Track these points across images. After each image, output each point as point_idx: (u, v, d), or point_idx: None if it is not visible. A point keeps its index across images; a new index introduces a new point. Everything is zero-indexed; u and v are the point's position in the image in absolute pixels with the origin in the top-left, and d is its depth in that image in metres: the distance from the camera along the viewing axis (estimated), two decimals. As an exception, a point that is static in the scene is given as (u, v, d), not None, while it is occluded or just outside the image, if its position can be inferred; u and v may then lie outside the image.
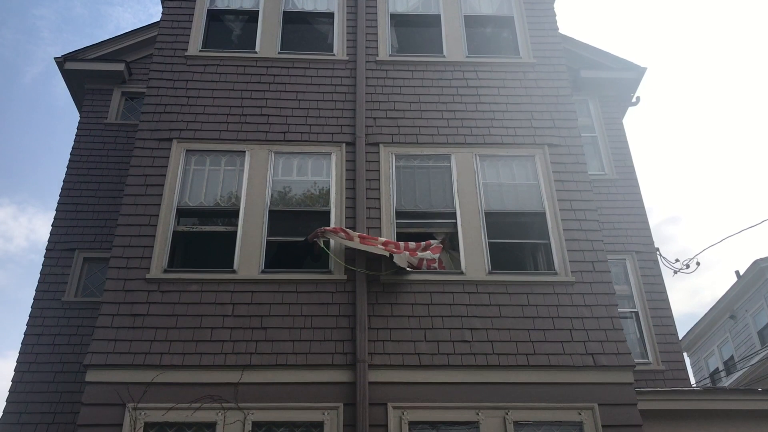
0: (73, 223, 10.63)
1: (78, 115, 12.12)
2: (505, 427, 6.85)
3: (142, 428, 6.66)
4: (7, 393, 9.27)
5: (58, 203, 10.81)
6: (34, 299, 9.95)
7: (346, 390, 6.98)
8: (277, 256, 8.00)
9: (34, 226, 62.08)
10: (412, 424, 6.87)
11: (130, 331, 7.21)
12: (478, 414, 6.92)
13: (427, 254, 7.65)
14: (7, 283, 60.56)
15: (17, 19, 55.18)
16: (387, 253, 7.44)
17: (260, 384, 6.98)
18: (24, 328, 9.70)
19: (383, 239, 7.75)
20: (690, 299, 60.15)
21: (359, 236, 7.67)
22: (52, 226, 10.63)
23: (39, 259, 60.97)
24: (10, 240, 59.52)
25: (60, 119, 63.00)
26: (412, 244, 7.80)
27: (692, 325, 25.95)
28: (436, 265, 7.74)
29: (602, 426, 6.88)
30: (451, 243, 8.13)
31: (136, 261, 7.65)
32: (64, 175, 11.05)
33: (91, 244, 10.47)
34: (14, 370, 9.42)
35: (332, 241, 7.76)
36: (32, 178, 60.28)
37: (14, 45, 57.41)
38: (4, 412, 9.14)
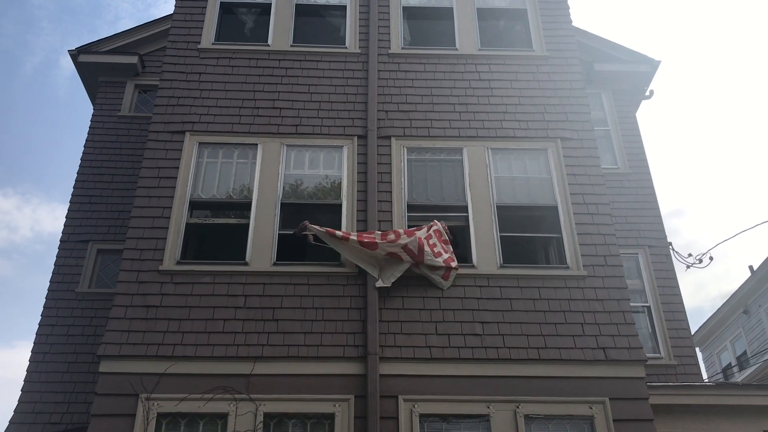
0: (86, 215, 10.71)
1: (85, 105, 12.52)
2: (515, 421, 6.85)
3: (155, 419, 6.71)
4: (22, 383, 9.38)
5: (72, 195, 10.90)
6: (48, 290, 10.06)
7: (357, 382, 7.01)
8: (288, 249, 8.02)
9: (38, 217, 62.42)
10: (422, 416, 6.88)
11: (143, 322, 7.27)
12: (488, 407, 6.93)
13: (437, 265, 7.55)
14: (13, 273, 61.01)
15: (16, 9, 55.29)
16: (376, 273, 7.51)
17: (272, 375, 7.02)
18: (30, 318, 9.96)
19: (388, 240, 7.53)
20: (696, 293, 59.75)
21: (358, 236, 7.55)
22: (66, 217, 10.73)
23: (44, 249, 61.37)
24: (15, 230, 59.90)
25: (61, 109, 63.12)
26: (429, 254, 7.53)
27: (702, 320, 25.80)
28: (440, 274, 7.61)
29: (613, 420, 6.87)
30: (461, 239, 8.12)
31: (150, 253, 7.70)
32: (78, 167, 11.15)
33: (104, 235, 10.55)
34: (29, 360, 9.53)
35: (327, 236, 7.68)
36: (35, 169, 60.54)
37: (14, 35, 57.57)
38: (20, 401, 9.25)
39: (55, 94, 63.77)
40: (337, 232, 7.61)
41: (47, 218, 62.44)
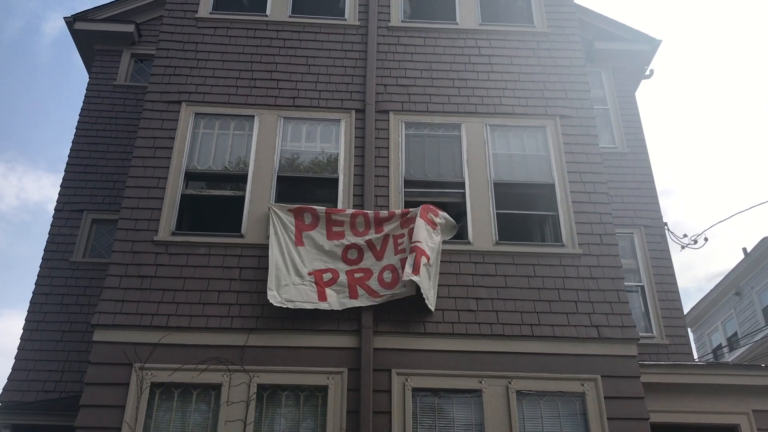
0: (81, 184, 10.66)
1: (70, 72, 12.49)
2: (507, 397, 6.90)
3: (149, 388, 6.74)
4: (16, 351, 9.39)
5: (66, 164, 10.84)
6: (42, 259, 10.04)
7: (351, 355, 7.03)
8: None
9: (24, 185, 61.98)
10: (415, 390, 6.92)
11: (137, 292, 7.26)
12: (481, 382, 6.97)
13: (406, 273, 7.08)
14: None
15: (-3, -28, 54.11)
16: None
17: (266, 347, 7.04)
18: (18, 286, 9.89)
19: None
20: (683, 274, 60.09)
21: (326, 212, 7.58)
22: (60, 186, 10.68)
23: (30, 218, 61.11)
24: (1, 199, 59.64)
25: (45, 76, 62.12)
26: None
27: (689, 300, 25.98)
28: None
29: (605, 398, 6.92)
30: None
31: (145, 223, 7.67)
32: (73, 136, 11.06)
33: (99, 205, 10.51)
34: (23, 329, 9.54)
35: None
36: (20, 136, 59.77)
37: (-7, -2, 56.44)
38: (13, 369, 9.27)
39: (36, 60, 62.67)
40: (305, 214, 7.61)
41: (33, 186, 62.07)
